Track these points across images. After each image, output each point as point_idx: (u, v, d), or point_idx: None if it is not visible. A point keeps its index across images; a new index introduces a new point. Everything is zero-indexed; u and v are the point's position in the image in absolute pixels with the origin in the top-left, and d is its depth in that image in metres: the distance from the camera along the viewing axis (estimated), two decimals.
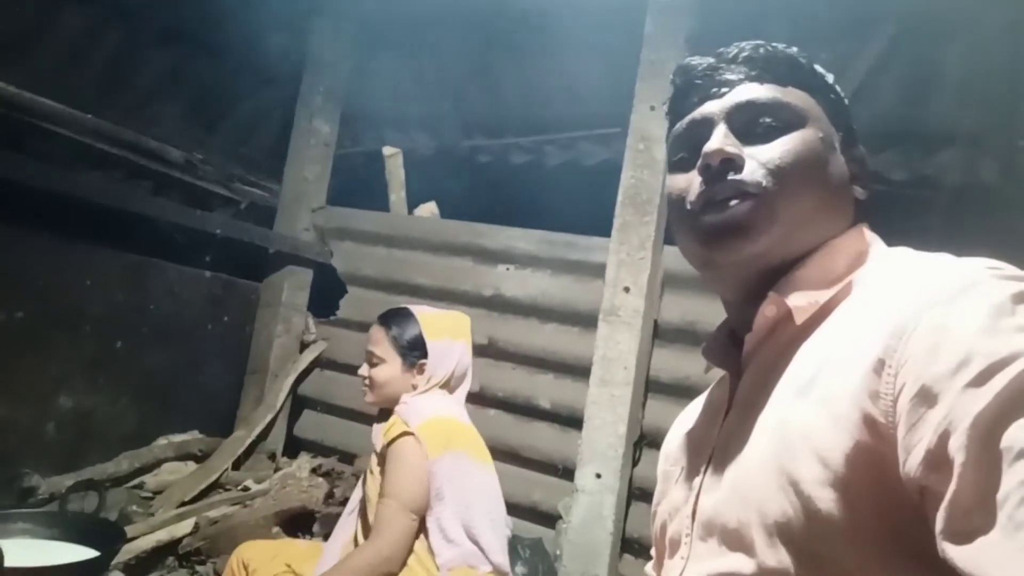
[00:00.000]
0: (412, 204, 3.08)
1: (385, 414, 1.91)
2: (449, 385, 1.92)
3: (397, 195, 3.04)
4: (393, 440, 1.75)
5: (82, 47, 2.61)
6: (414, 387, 1.87)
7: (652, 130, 2.39)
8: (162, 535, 2.18)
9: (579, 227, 2.63)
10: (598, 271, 2.49)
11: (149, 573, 2.05)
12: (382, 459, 1.79)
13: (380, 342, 1.90)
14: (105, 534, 1.73)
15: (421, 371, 1.87)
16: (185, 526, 2.26)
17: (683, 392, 2.30)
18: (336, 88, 3.19)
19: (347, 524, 1.92)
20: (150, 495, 2.47)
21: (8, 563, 1.43)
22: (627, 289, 2.40)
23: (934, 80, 2.41)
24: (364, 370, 1.92)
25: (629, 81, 2.48)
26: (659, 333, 2.48)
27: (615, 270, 2.42)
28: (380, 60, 3.26)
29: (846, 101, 0.83)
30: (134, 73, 2.83)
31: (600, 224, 2.50)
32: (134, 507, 2.34)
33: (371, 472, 1.87)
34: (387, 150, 3.06)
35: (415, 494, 1.70)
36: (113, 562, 1.78)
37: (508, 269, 2.76)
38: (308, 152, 3.13)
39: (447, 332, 1.93)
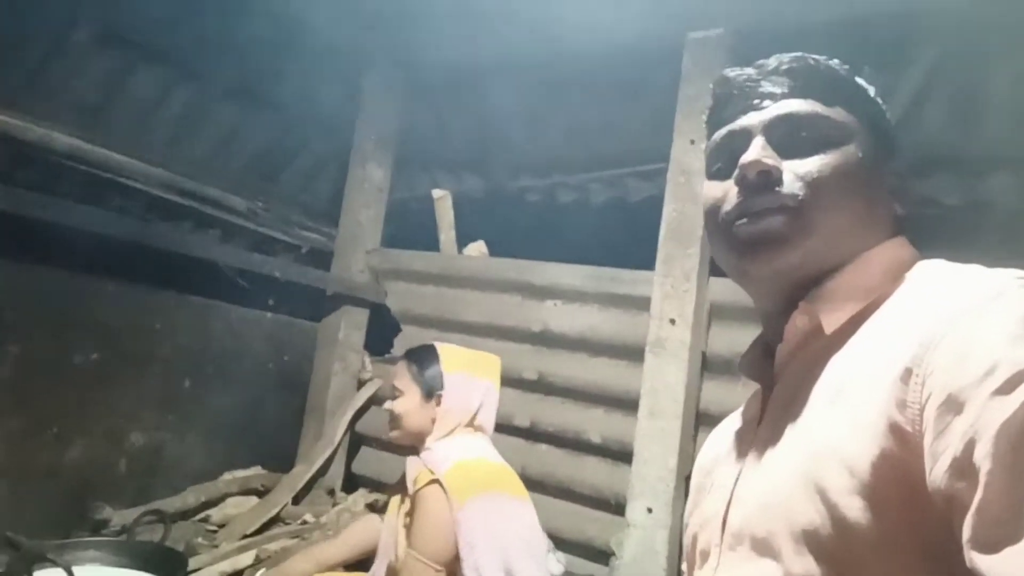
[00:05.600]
0: (463, 244, 3.16)
1: (415, 450, 1.94)
2: (475, 424, 1.93)
3: (447, 235, 3.13)
4: (419, 489, 1.77)
5: (154, 105, 2.81)
6: (433, 421, 1.89)
7: (692, 164, 2.42)
8: (225, 566, 2.26)
9: (628, 263, 2.65)
10: (644, 304, 2.50)
11: None
12: (412, 503, 1.81)
13: (402, 375, 1.95)
14: (168, 562, 1.83)
15: (439, 403, 1.90)
16: (247, 558, 2.33)
17: None
18: (388, 135, 3.32)
19: (379, 568, 1.93)
20: (215, 528, 2.56)
21: None
22: (673, 321, 2.41)
23: (983, 102, 2.37)
24: (387, 404, 1.97)
25: (670, 116, 2.52)
26: (708, 365, 2.46)
27: (660, 303, 2.43)
28: (429, 106, 3.39)
29: (888, 114, 0.83)
30: (201, 128, 3.02)
31: (650, 260, 2.51)
32: (200, 539, 2.43)
33: (396, 511, 1.90)
34: (436, 193, 3.16)
35: (439, 546, 1.71)
36: None
37: (555, 304, 2.79)
38: (362, 197, 3.26)
39: (468, 367, 1.96)
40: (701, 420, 2.44)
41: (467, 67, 3.13)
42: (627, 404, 2.53)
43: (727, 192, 0.80)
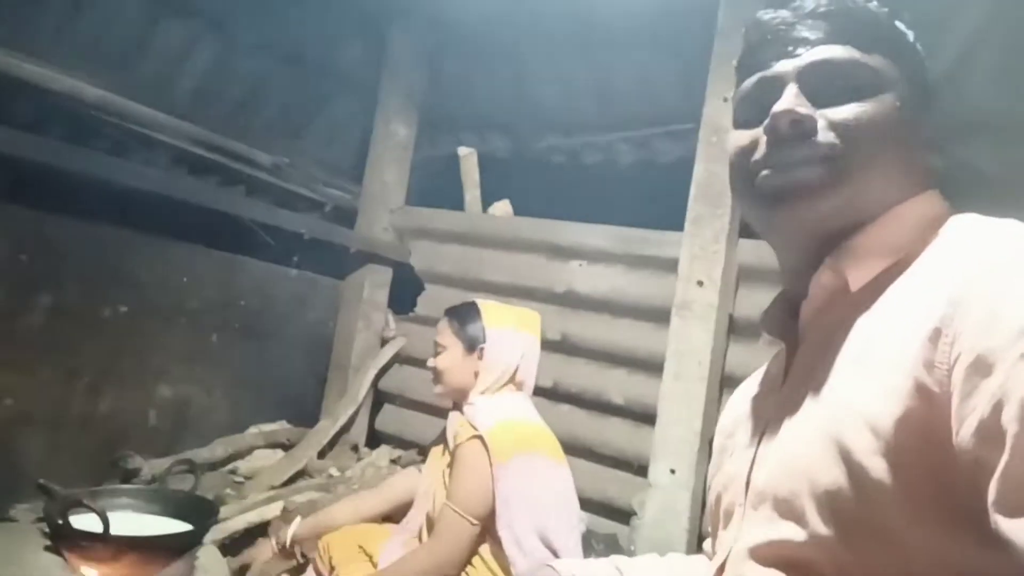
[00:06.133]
0: (488, 204, 3.14)
1: (459, 406, 1.96)
2: (516, 380, 1.95)
3: (472, 194, 3.11)
4: (461, 443, 1.79)
5: (180, 58, 2.79)
6: (476, 375, 1.90)
7: (725, 122, 2.33)
8: (253, 517, 2.30)
9: (655, 226, 2.62)
10: (671, 266, 2.48)
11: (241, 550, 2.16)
12: (452, 457, 1.83)
13: (444, 331, 1.97)
14: (199, 510, 1.86)
15: (481, 356, 1.91)
16: (274, 509, 2.37)
17: None
18: (413, 93, 3.29)
19: (415, 518, 1.96)
20: (242, 480, 2.60)
21: (113, 532, 1.56)
22: (700, 283, 2.38)
23: None
24: (431, 361, 1.98)
25: (703, 76, 2.46)
26: (735, 328, 2.44)
27: (688, 264, 2.41)
28: (456, 64, 3.35)
29: (926, 63, 0.80)
30: (227, 82, 2.99)
31: (677, 223, 2.48)
32: (228, 490, 2.47)
33: (437, 463, 1.92)
34: (462, 150, 3.13)
35: (477, 500, 1.73)
36: (209, 539, 1.90)
37: (581, 265, 2.77)
38: (387, 155, 3.24)
39: (509, 322, 1.97)
40: (726, 383, 2.43)
41: (494, 23, 3.07)
42: (651, 366, 2.52)
43: (756, 140, 0.77)
